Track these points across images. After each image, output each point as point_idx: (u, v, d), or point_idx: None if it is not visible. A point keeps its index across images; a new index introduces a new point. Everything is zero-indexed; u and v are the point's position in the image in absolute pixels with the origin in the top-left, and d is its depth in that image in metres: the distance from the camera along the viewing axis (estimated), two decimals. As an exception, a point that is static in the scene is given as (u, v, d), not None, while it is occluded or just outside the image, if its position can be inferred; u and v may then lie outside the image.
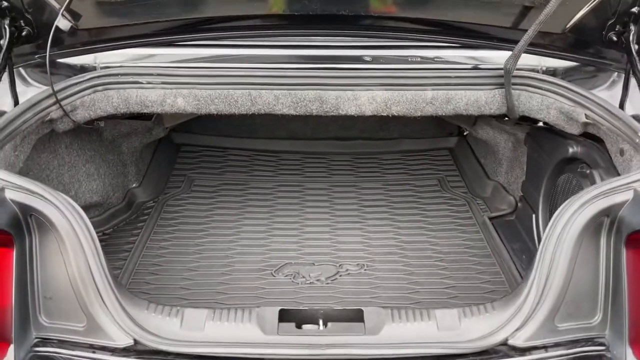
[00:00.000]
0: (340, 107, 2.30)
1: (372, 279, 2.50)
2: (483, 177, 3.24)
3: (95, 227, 2.70)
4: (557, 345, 1.67)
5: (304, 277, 2.49)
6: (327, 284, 2.46)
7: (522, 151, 2.88)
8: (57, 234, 1.63)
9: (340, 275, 2.52)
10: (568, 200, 1.72)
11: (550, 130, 2.52)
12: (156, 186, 3.17)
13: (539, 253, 1.71)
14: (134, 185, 3.06)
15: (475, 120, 3.11)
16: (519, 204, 2.91)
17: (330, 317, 1.75)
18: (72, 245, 1.62)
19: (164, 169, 3.32)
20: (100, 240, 2.67)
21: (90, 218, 2.68)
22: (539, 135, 2.68)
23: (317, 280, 2.47)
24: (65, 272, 1.64)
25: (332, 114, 2.32)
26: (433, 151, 3.68)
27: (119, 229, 2.85)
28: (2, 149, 1.93)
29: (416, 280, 2.49)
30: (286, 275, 2.50)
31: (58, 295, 1.64)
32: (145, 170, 3.18)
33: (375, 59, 2.39)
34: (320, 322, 1.74)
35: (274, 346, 1.64)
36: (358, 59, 2.40)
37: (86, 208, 2.72)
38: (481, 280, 2.51)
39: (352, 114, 2.32)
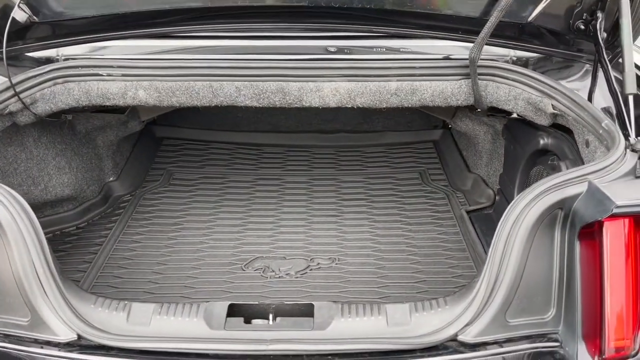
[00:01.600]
0: (303, 98, 2.26)
1: (342, 273, 2.48)
2: (464, 170, 3.19)
3: (69, 221, 2.79)
4: (508, 340, 1.63)
5: (273, 271, 2.47)
6: (297, 278, 2.44)
7: (501, 143, 2.83)
8: (0, 228, 1.62)
9: (311, 270, 2.49)
10: (521, 193, 1.67)
11: (524, 121, 2.47)
12: (134, 180, 3.16)
13: (491, 247, 1.67)
14: (110, 179, 3.05)
15: (455, 112, 3.06)
16: (497, 198, 2.86)
17: (280, 312, 1.73)
18: (14, 240, 1.61)
19: (143, 163, 3.31)
20: (74, 234, 2.74)
21: (63, 212, 2.78)
22: (515, 127, 2.63)
23: (287, 274, 2.45)
24: (8, 266, 1.63)
25: (295, 105, 2.28)
26: (417, 144, 3.63)
27: (94, 222, 2.85)
28: (-42, 143, 1.93)
29: (387, 275, 2.46)
30: (256, 270, 2.48)
31: (2, 289, 1.64)
32: (123, 164, 3.17)
33: (340, 50, 2.35)
34: (270, 316, 1.72)
35: (218, 341, 1.62)
36: (322, 50, 2.36)
37: (58, 201, 2.73)
38: (453, 274, 2.47)
39: (316, 105, 2.28)
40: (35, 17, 2.07)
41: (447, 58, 2.37)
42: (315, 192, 3.15)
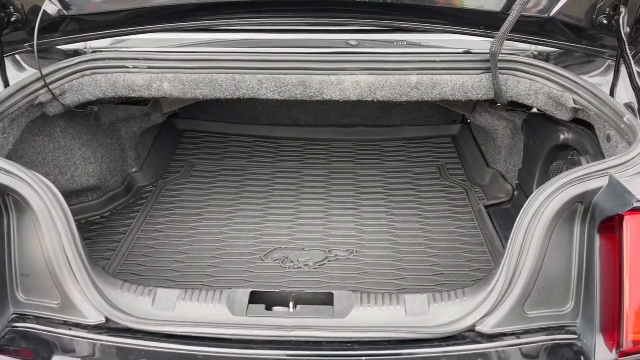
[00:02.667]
0: (324, 91, 2.29)
1: (360, 264, 2.50)
2: (483, 165, 3.20)
3: (93, 211, 2.86)
4: (526, 332, 1.64)
5: (292, 262, 2.51)
6: (315, 269, 2.47)
7: (520, 138, 2.83)
8: (32, 213, 1.68)
9: (329, 261, 2.53)
10: (541, 187, 1.68)
11: (544, 116, 2.47)
12: (156, 171, 3.22)
13: (510, 239, 1.69)
14: (133, 169, 3.12)
15: (475, 106, 3.06)
16: (516, 193, 2.86)
17: (300, 300, 1.77)
18: (46, 225, 1.67)
19: (165, 155, 3.37)
20: (98, 223, 2.81)
21: (88, 201, 2.85)
22: (535, 121, 2.63)
23: (305, 265, 2.49)
24: (40, 250, 1.69)
25: (316, 98, 2.31)
26: (436, 139, 3.64)
27: (117, 212, 2.91)
28: (-10, 130, 2.00)
29: (405, 267, 2.49)
30: (275, 260, 2.53)
31: (34, 272, 1.70)
32: (145, 156, 3.23)
33: (362, 43, 2.37)
34: (291, 304, 1.76)
35: (240, 327, 1.66)
36: (344, 44, 2.38)
37: (84, 191, 2.80)
38: (470, 268, 2.48)
39: (337, 98, 2.31)
40: (65, 11, 2.13)
41: (467, 52, 2.37)
42: (333, 185, 3.18)
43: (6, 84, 2.17)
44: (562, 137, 2.31)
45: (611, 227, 1.58)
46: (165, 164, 3.33)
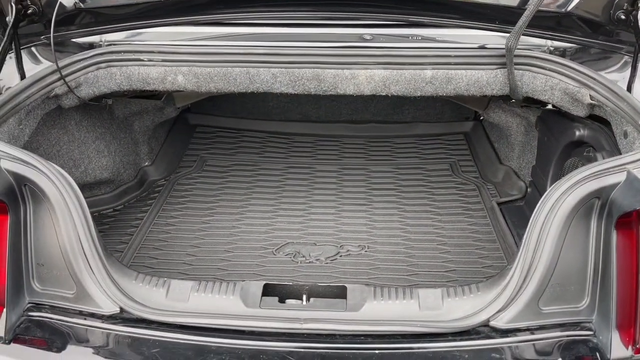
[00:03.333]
0: (338, 85, 2.28)
1: (371, 260, 2.50)
2: (495, 162, 3.18)
3: (106, 203, 2.88)
4: (541, 328, 1.63)
5: (304, 256, 2.51)
6: (326, 263, 2.47)
7: (534, 135, 2.81)
8: (49, 203, 1.69)
9: (340, 256, 2.53)
10: (557, 182, 1.67)
11: (559, 113, 2.45)
12: (168, 165, 3.24)
13: (525, 234, 1.67)
14: (146, 163, 3.13)
15: (488, 103, 3.04)
16: (529, 190, 2.85)
17: (313, 293, 1.77)
18: (62, 215, 1.68)
19: (177, 149, 3.39)
20: (110, 216, 2.83)
21: (101, 194, 2.87)
22: (549, 118, 2.61)
23: (317, 259, 2.49)
24: (56, 240, 1.70)
25: (330, 93, 2.31)
26: (448, 135, 3.62)
27: (130, 205, 2.93)
28: (6, 122, 2.01)
29: (416, 263, 2.48)
30: (286, 254, 2.53)
31: (50, 262, 1.71)
32: (158, 150, 3.25)
33: (376, 38, 2.36)
34: (304, 297, 1.76)
35: (254, 319, 1.66)
36: (358, 38, 2.38)
37: (97, 184, 2.82)
38: (483, 264, 2.47)
39: (351, 93, 2.30)
40: (81, 4, 2.14)
41: (482, 47, 2.36)
42: (345, 181, 3.18)
43: (22, 76, 2.18)
44: (577, 133, 2.29)
45: (628, 223, 1.57)
46: (178, 158, 3.34)
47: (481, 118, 3.50)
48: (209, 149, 3.50)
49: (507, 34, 2.18)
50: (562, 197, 1.62)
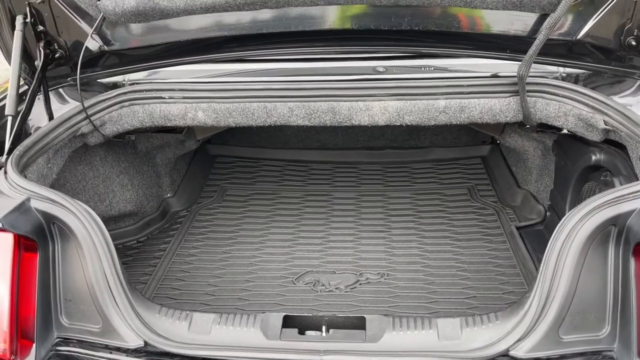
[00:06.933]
0: (352, 117, 2.33)
1: (391, 287, 2.51)
2: (513, 186, 3.18)
3: (130, 235, 2.95)
4: (562, 357, 1.62)
5: (323, 285, 2.53)
6: (346, 292, 2.49)
7: (551, 159, 2.82)
8: (76, 240, 1.76)
9: (360, 284, 2.54)
10: (573, 209, 1.68)
11: (575, 137, 2.45)
12: (190, 196, 3.31)
13: (542, 263, 1.68)
14: (168, 195, 3.21)
15: (504, 128, 3.06)
16: (548, 214, 2.84)
17: (332, 324, 1.79)
18: (89, 252, 1.74)
19: (198, 180, 3.46)
20: (134, 248, 2.89)
21: (125, 227, 2.94)
22: (565, 142, 2.62)
23: (337, 288, 2.51)
24: (83, 276, 1.76)
25: (345, 124, 2.36)
26: (465, 160, 3.64)
27: (153, 236, 2.99)
28: (35, 162, 2.10)
29: (436, 290, 2.48)
30: (306, 283, 2.56)
31: (77, 297, 1.77)
32: (179, 181, 3.32)
33: (389, 70, 2.41)
34: (324, 328, 1.78)
35: (274, 351, 1.69)
36: (371, 70, 2.43)
37: (121, 217, 2.90)
38: (503, 290, 2.46)
39: (365, 124, 2.35)
40: (105, 47, 2.24)
41: (495, 76, 2.39)
42: (363, 207, 3.21)
43: (50, 117, 2.28)
44: (593, 158, 2.29)
45: (646, 250, 1.57)
46: (199, 189, 3.41)
47: (498, 142, 3.51)
48: (229, 178, 3.56)
49: (519, 62, 2.21)
50: (578, 224, 1.63)
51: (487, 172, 3.47)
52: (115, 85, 2.51)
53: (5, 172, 1.90)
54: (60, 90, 2.48)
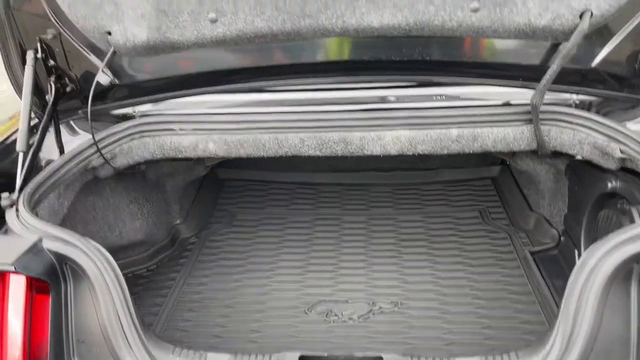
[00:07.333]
0: (364, 147, 2.32)
1: (405, 317, 2.47)
2: (525, 209, 3.14)
3: (140, 264, 2.93)
4: (585, 398, 1.59)
5: (336, 315, 2.50)
6: (360, 322, 2.46)
7: (564, 183, 2.78)
8: (88, 281, 1.74)
9: (373, 314, 2.51)
10: (593, 245, 1.65)
11: (589, 163, 2.42)
12: (199, 222, 3.29)
13: (563, 301, 1.65)
14: (177, 221, 3.19)
15: (514, 152, 3.03)
16: (562, 238, 2.80)
17: None
18: (101, 293, 1.72)
19: (207, 204, 3.44)
20: (144, 277, 2.87)
21: (135, 255, 2.92)
22: (579, 167, 2.58)
23: (350, 318, 2.48)
24: (96, 317, 1.73)
25: (357, 154, 2.34)
26: (475, 181, 3.61)
27: (162, 264, 2.97)
28: (47, 198, 2.08)
29: (451, 320, 2.44)
30: (319, 314, 2.52)
31: (90, 339, 1.74)
32: (189, 206, 3.30)
33: (400, 98, 2.40)
34: (340, 368, 1.75)
35: None
36: (383, 99, 2.42)
37: (131, 246, 2.88)
38: (520, 320, 2.42)
39: (377, 153, 2.33)
40: (116, 80, 2.24)
41: (507, 104, 2.37)
42: (374, 232, 3.18)
43: (61, 150, 2.27)
44: (609, 185, 2.26)
45: (671, 288, 1.53)
46: (208, 214, 3.39)
47: (508, 162, 3.48)
48: (238, 202, 3.54)
49: (531, 90, 2.19)
50: (599, 263, 1.60)
51: (498, 194, 3.44)
52: (125, 116, 2.50)
53: (17, 210, 1.88)
54: (71, 122, 2.48)
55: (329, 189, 3.66)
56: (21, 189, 1.99)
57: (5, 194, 1.92)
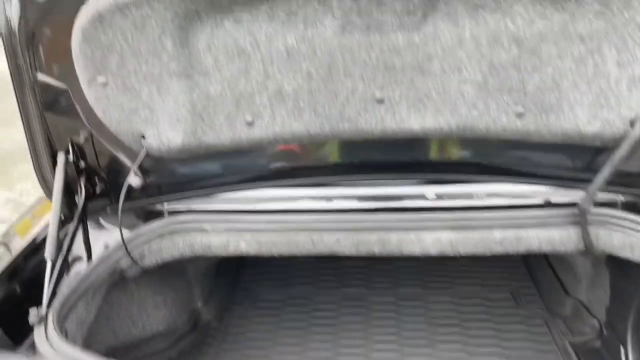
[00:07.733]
0: (403, 248, 2.23)
1: (443, 419, 2.35)
2: (560, 292, 3.03)
3: (161, 352, 2.80)
4: None
5: None
6: (396, 423, 2.33)
7: (604, 271, 2.67)
8: None
9: (409, 410, 2.38)
10: None
11: (635, 259, 2.33)
12: (221, 303, 3.18)
13: None
14: (199, 304, 3.08)
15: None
16: (605, 331, 2.67)
17: None
18: None
19: (228, 284, 3.34)
20: (166, 367, 2.75)
21: (157, 345, 2.80)
22: (623, 260, 2.48)
23: (385, 422, 2.35)
24: None
25: (395, 254, 2.26)
26: (504, 258, 3.50)
27: (184, 352, 2.85)
28: (75, 309, 1.99)
29: (492, 423, 2.32)
30: (353, 413, 2.40)
31: None
32: (210, 287, 3.20)
33: (439, 196, 2.33)
34: None
35: None
36: (421, 197, 2.35)
37: (154, 337, 2.76)
38: (564, 420, 2.29)
39: (417, 254, 2.25)
40: (146, 180, 2.17)
41: (551, 204, 2.29)
42: (403, 315, 3.06)
43: (89, 255, 2.19)
44: (661, 285, 2.16)
45: None
46: (229, 294, 3.29)
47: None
48: (260, 279, 3.44)
49: (576, 190, 2.11)
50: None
51: (530, 274, 3.33)
52: (154, 213, 2.43)
53: (46, 329, 1.79)
54: (99, 217, 2.41)
55: (353, 263, 3.55)
56: (49, 302, 1.89)
57: (33, 311, 1.83)
